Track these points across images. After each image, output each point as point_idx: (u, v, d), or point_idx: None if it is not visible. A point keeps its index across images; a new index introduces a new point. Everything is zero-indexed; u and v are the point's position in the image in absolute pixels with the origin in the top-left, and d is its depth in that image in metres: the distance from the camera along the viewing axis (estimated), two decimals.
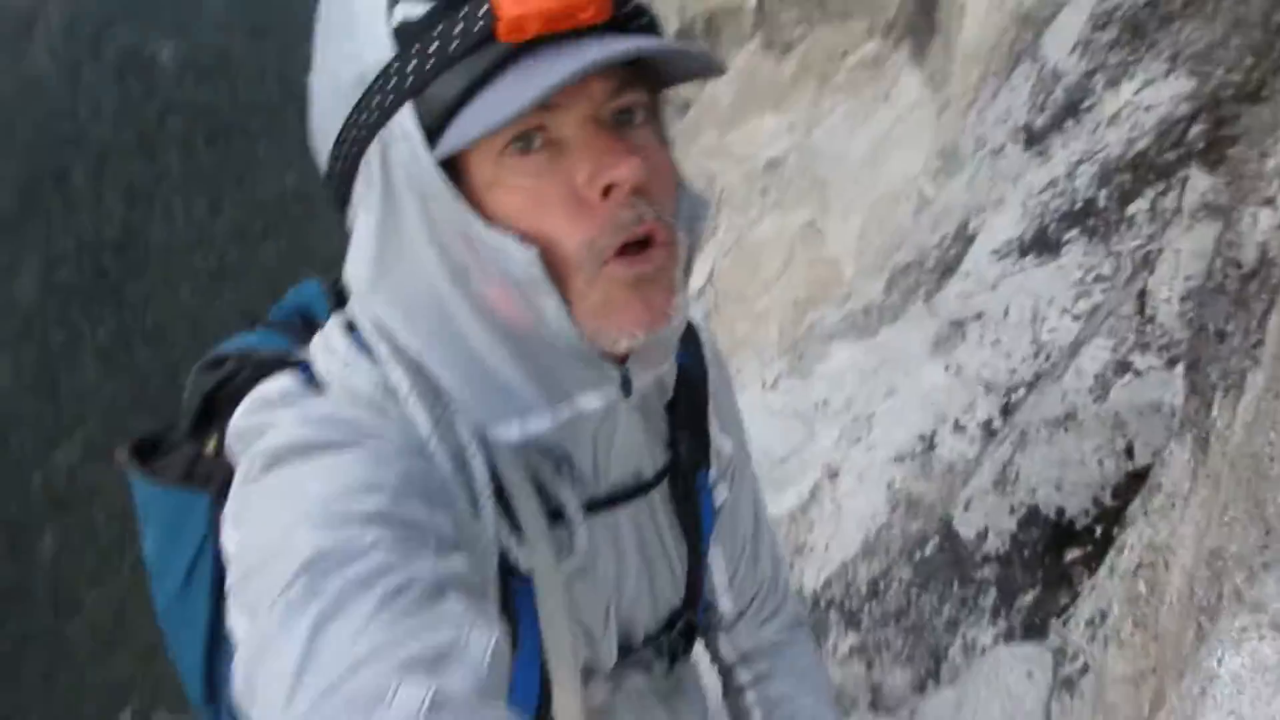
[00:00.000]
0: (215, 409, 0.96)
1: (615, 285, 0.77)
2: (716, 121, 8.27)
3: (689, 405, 1.03)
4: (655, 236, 0.78)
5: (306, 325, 1.04)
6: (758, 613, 1.20)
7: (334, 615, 0.64)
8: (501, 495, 0.85)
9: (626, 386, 0.86)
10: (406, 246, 0.80)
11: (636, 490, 0.96)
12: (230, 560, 0.76)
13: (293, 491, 0.73)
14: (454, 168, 0.77)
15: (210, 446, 0.96)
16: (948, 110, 5.51)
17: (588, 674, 0.97)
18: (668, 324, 0.80)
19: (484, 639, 0.65)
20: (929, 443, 2.86)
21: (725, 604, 1.15)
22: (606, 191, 0.75)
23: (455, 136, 0.74)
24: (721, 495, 1.09)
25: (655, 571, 1.02)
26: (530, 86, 0.71)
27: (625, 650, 1.02)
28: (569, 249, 0.76)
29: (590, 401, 0.85)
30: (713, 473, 1.07)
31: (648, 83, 0.80)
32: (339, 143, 0.80)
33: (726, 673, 1.24)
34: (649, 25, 0.79)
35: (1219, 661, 1.00)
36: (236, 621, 0.73)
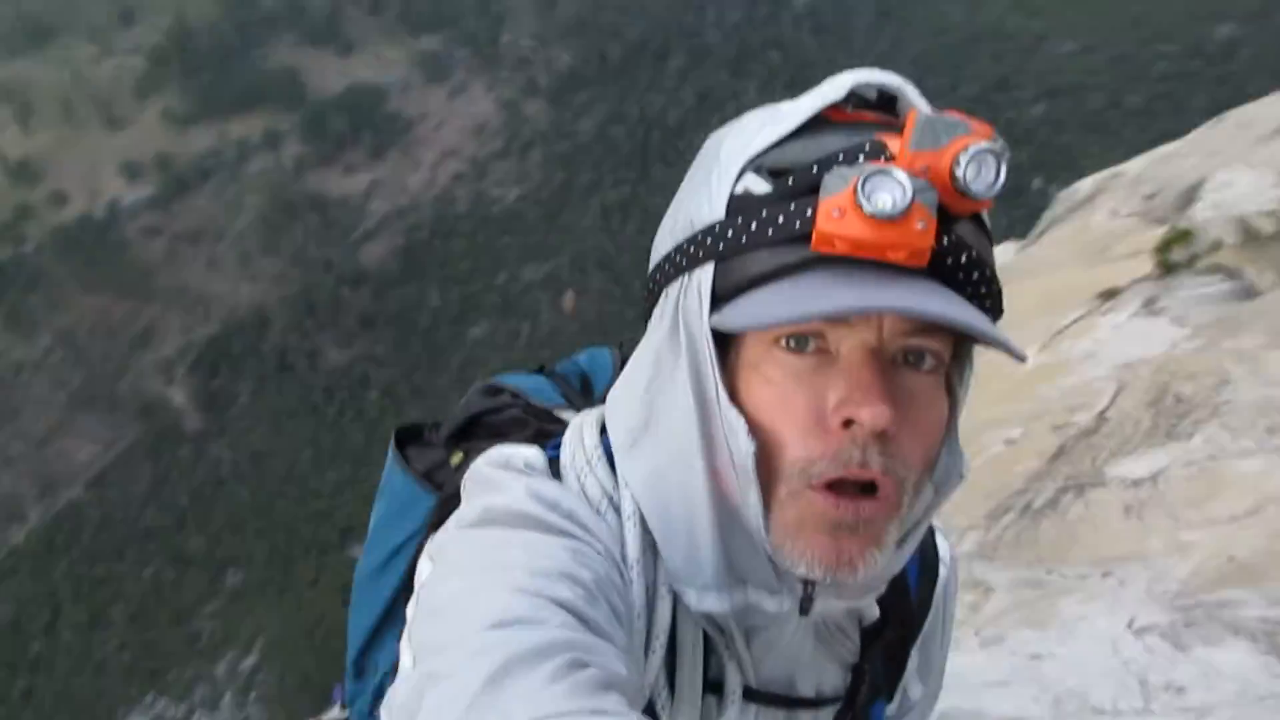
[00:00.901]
0: (474, 429, 1.07)
1: (811, 514, 0.77)
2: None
3: (895, 635, 1.00)
4: (880, 488, 0.76)
5: (584, 387, 1.15)
6: None
7: (511, 671, 0.64)
8: (671, 648, 0.86)
9: (807, 604, 0.84)
10: (671, 387, 0.82)
11: (786, 701, 0.93)
12: (418, 588, 0.80)
13: (496, 554, 0.77)
14: (733, 336, 0.79)
15: (456, 459, 1.06)
16: None
17: None
18: (853, 574, 0.78)
19: None
20: None
21: None
22: (847, 424, 0.74)
23: (734, 316, 0.76)
24: None
25: None
26: (813, 301, 0.71)
27: None
28: (787, 459, 0.77)
29: (763, 602, 0.84)
30: (890, 709, 1.04)
31: (955, 333, 0.78)
32: (658, 265, 0.85)
33: None
34: (977, 283, 0.76)
35: None
36: (404, 653, 0.75)
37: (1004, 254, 10.95)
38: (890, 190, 0.70)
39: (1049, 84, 74.43)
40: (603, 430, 0.91)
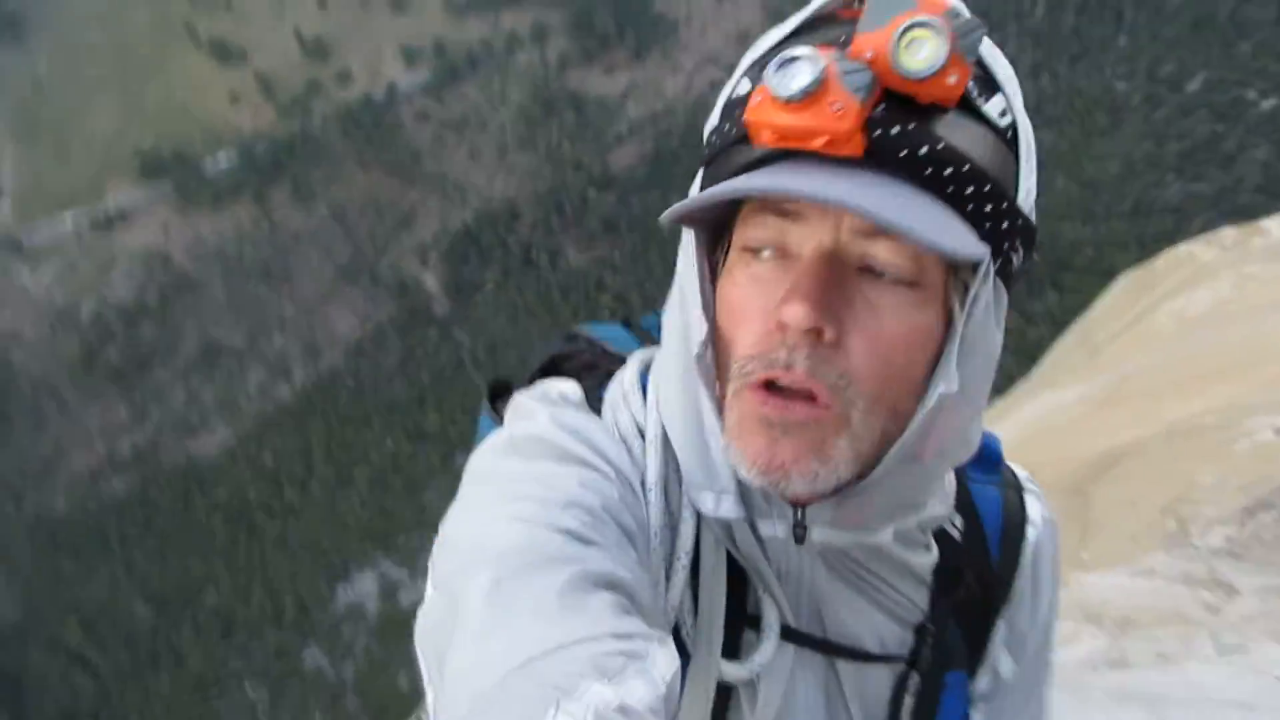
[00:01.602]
0: (553, 374, 1.05)
1: (747, 412, 0.77)
2: None
3: (970, 597, 0.94)
4: (816, 396, 0.74)
5: None
6: None
7: (521, 593, 0.67)
8: (695, 571, 0.85)
9: (800, 532, 0.82)
10: (683, 300, 0.83)
11: (825, 645, 0.89)
12: (445, 518, 0.81)
13: (510, 486, 0.79)
14: (724, 249, 0.81)
15: None
16: None
17: None
18: (788, 481, 0.75)
19: (667, 660, 0.66)
20: None
21: None
22: (782, 325, 0.74)
23: (683, 207, 0.76)
24: (976, 717, 0.99)
25: None
26: (738, 185, 0.72)
27: None
28: (731, 358, 0.78)
29: (758, 523, 0.83)
30: (979, 685, 0.98)
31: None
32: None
33: None
34: (952, 180, 0.71)
35: None
36: (429, 581, 0.77)
37: None
38: (799, 71, 0.68)
39: None
40: (646, 369, 0.94)
